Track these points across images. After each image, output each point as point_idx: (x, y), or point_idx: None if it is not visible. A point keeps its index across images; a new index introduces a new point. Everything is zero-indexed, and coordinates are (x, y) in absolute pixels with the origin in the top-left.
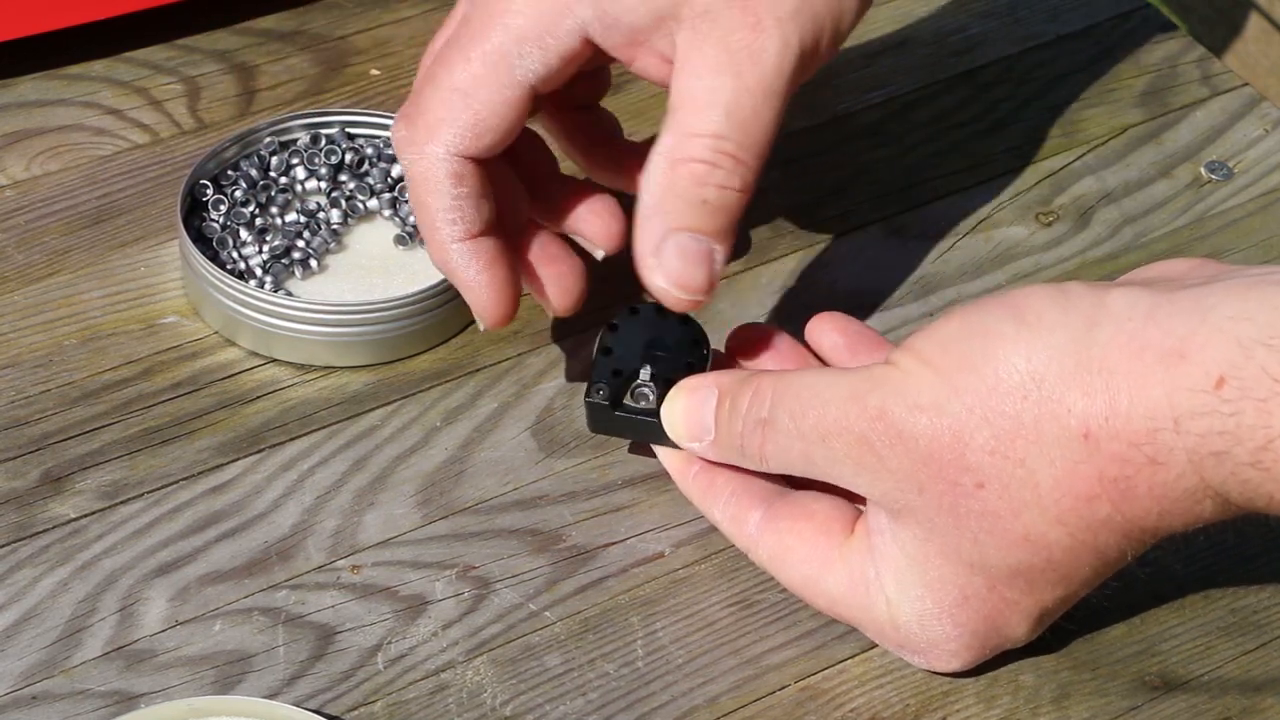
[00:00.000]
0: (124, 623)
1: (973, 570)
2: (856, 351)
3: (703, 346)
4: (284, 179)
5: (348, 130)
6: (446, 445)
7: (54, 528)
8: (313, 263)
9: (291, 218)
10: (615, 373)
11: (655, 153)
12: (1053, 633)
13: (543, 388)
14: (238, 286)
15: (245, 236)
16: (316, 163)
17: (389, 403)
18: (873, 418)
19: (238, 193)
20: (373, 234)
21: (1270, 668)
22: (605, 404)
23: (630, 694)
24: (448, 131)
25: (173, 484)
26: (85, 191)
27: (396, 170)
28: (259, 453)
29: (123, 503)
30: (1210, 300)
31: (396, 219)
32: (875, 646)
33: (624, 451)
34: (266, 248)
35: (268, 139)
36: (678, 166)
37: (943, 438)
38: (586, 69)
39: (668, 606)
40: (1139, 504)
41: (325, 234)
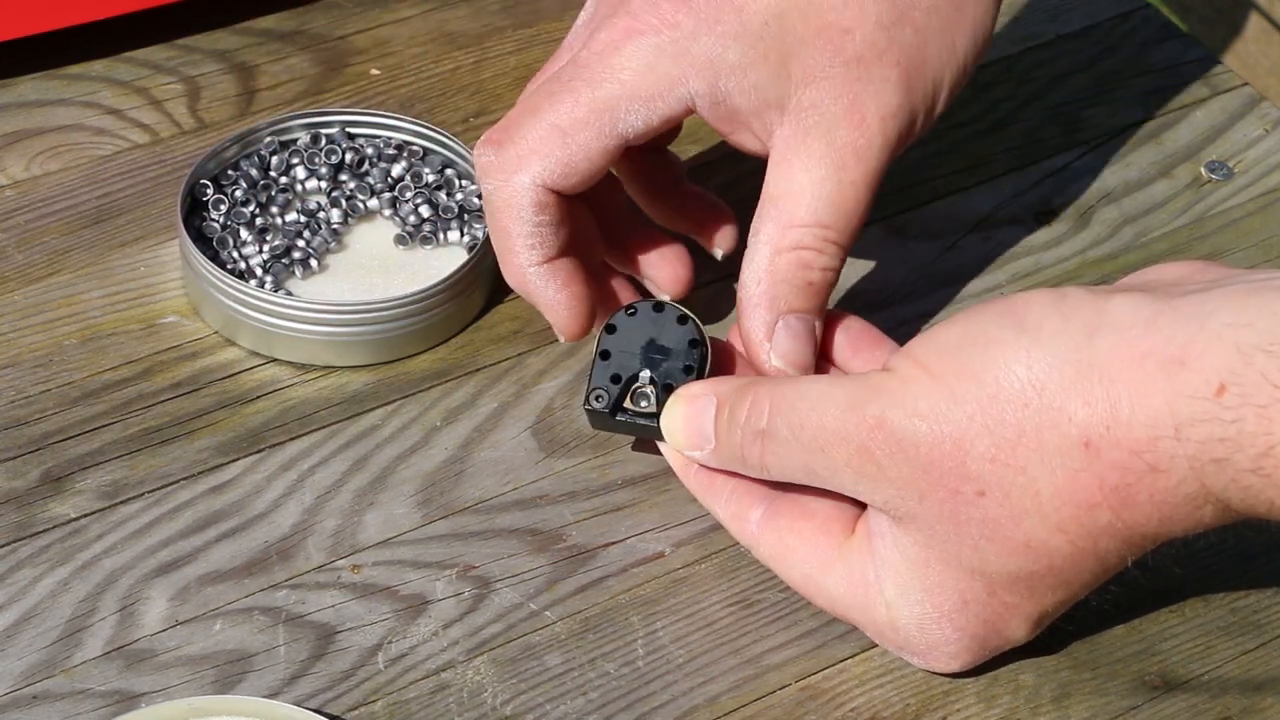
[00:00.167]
0: (124, 622)
1: (973, 576)
2: (859, 349)
3: (700, 347)
4: (284, 179)
5: (348, 130)
6: (446, 445)
7: (54, 527)
8: (313, 262)
9: (291, 217)
10: (614, 378)
11: (758, 240)
12: (1052, 633)
13: (543, 388)
14: (238, 286)
15: (245, 236)
16: (316, 162)
17: (389, 402)
18: (872, 427)
19: (238, 192)
20: (373, 234)
21: (1270, 667)
22: (605, 411)
23: (630, 693)
24: (538, 164)
25: (173, 484)
26: (85, 191)
27: (396, 170)
28: (259, 452)
29: (123, 502)
30: (1210, 307)
31: (396, 219)
32: (875, 646)
33: (624, 451)
34: (266, 247)
35: (268, 139)
36: (784, 254)
37: (943, 445)
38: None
39: (668, 606)
40: (1140, 511)
41: (325, 234)
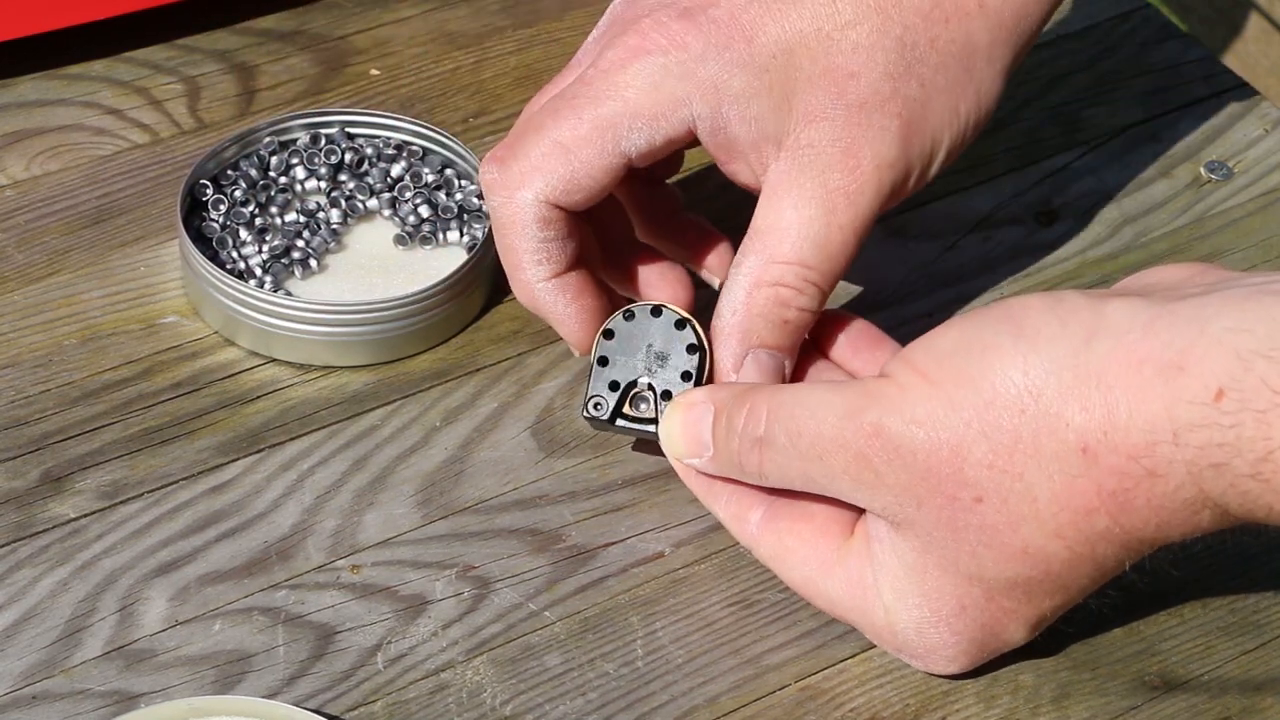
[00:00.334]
0: (124, 622)
1: (970, 582)
2: (859, 349)
3: (699, 351)
4: (284, 179)
5: (347, 130)
6: (446, 445)
7: (54, 527)
8: (313, 262)
9: (291, 218)
10: (613, 385)
11: (739, 272)
12: (1052, 634)
13: (543, 388)
14: (238, 286)
15: (245, 236)
16: (316, 162)
17: (389, 402)
18: (869, 434)
19: (238, 192)
20: (373, 234)
21: (1270, 667)
22: (604, 419)
23: (630, 694)
24: (541, 180)
25: (173, 484)
26: (85, 191)
27: (396, 170)
28: (259, 453)
29: (123, 502)
30: (1208, 312)
31: (396, 219)
32: (875, 647)
33: (624, 451)
34: (266, 247)
35: (268, 139)
36: (762, 288)
37: (940, 452)
38: (679, 151)
39: (668, 606)
40: (1137, 516)
41: (325, 234)
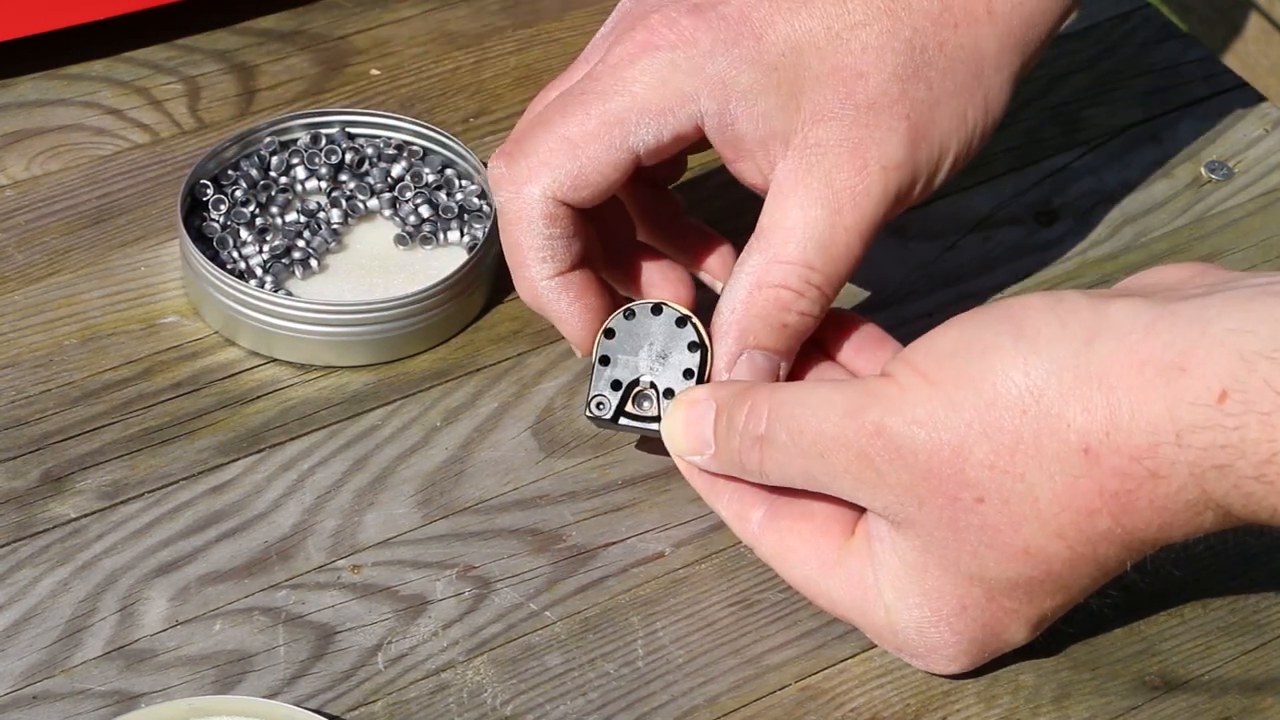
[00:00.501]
0: (124, 622)
1: (971, 582)
2: (862, 348)
3: (700, 349)
4: (284, 179)
5: (348, 130)
6: (446, 445)
7: (54, 527)
8: (313, 262)
9: (291, 217)
10: (615, 384)
11: (742, 270)
12: (1052, 634)
13: (543, 388)
14: (238, 286)
15: (245, 236)
16: (316, 162)
17: (389, 403)
18: (870, 434)
19: (238, 192)
20: (373, 234)
21: (1270, 667)
22: (608, 419)
23: (630, 694)
24: (549, 176)
25: (173, 484)
26: (85, 191)
27: (396, 170)
28: (259, 453)
29: (123, 502)
30: (1211, 312)
31: (396, 219)
32: (875, 646)
33: (624, 451)
34: (266, 247)
35: (268, 139)
36: (764, 289)
37: (942, 452)
38: (685, 151)
39: (668, 606)
40: (1139, 517)
41: (325, 234)
